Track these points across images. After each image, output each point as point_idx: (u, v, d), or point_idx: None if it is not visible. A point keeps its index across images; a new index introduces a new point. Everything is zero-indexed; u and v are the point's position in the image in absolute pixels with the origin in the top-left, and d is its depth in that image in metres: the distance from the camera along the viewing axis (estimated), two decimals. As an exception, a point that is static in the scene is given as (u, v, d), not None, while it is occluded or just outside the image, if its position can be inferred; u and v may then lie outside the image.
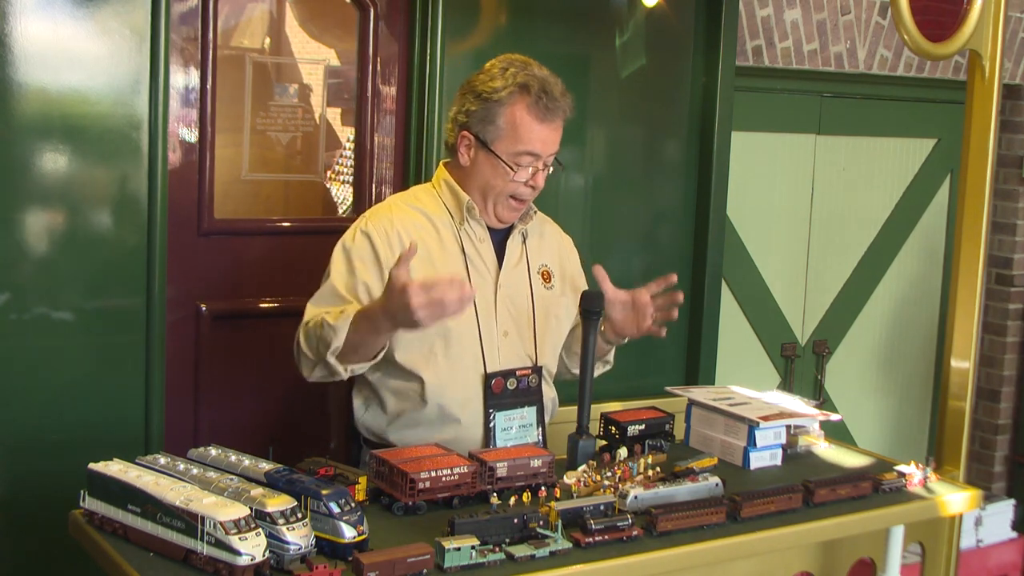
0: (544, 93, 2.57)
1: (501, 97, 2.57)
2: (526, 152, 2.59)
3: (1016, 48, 5.04)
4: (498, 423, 2.65)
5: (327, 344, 2.43)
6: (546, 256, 2.80)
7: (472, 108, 2.60)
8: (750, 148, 4.47)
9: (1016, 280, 5.27)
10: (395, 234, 2.59)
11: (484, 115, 2.58)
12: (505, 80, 2.58)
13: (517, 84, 2.57)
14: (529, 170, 2.61)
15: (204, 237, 3.24)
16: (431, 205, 2.68)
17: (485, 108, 2.58)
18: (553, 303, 2.77)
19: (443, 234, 2.64)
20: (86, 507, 2.12)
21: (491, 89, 2.58)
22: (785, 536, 2.33)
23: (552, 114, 2.59)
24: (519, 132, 2.57)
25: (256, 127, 3.41)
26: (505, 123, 2.57)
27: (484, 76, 2.62)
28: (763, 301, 4.72)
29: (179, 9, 3.09)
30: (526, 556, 2.04)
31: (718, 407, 2.77)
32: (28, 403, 2.86)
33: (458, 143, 2.64)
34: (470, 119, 2.60)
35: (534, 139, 2.58)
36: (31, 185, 2.82)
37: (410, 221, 2.63)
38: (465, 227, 2.65)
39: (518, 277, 2.72)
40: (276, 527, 1.92)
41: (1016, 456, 5.38)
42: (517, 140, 2.58)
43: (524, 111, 2.57)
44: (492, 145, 2.59)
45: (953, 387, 2.94)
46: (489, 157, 2.60)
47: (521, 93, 2.57)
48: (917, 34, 2.75)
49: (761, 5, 4.25)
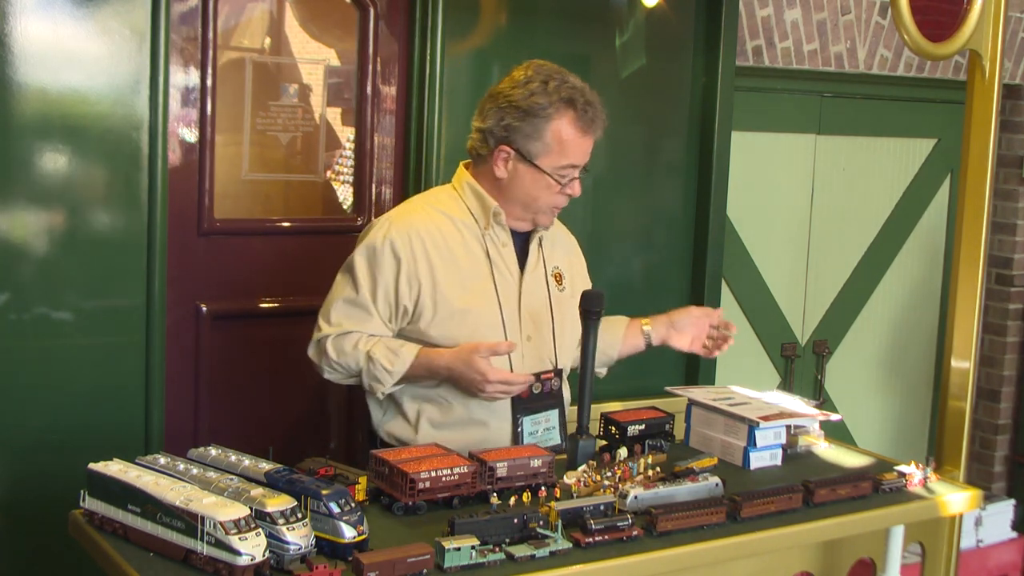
0: (588, 106, 2.60)
1: (548, 113, 2.58)
2: (570, 165, 2.62)
3: (1016, 48, 5.04)
4: (525, 427, 2.68)
5: (378, 382, 2.57)
6: (557, 258, 2.82)
7: (515, 123, 2.59)
8: (750, 148, 4.47)
9: (1016, 280, 5.27)
10: (419, 240, 2.60)
11: (530, 131, 2.58)
12: (549, 96, 2.58)
13: (561, 99, 2.58)
14: (569, 180, 2.64)
15: (204, 237, 3.24)
16: (454, 208, 2.68)
17: (531, 124, 2.58)
18: (566, 305, 2.78)
19: (467, 238, 2.66)
20: (86, 507, 2.12)
21: (536, 104, 2.57)
22: (785, 536, 2.33)
23: (594, 125, 2.63)
24: (565, 147, 2.60)
25: (256, 127, 3.41)
26: (552, 138, 2.59)
27: (522, 89, 2.60)
28: (763, 301, 4.72)
29: (179, 9, 3.09)
30: (526, 556, 2.04)
31: (718, 407, 2.77)
32: (28, 403, 2.86)
33: (494, 156, 2.63)
34: (512, 133, 2.59)
35: (577, 151, 2.62)
36: (31, 185, 2.82)
37: (433, 225, 2.63)
38: (490, 232, 2.67)
39: (537, 281, 2.74)
40: (276, 527, 1.92)
41: (1016, 456, 5.38)
42: (563, 155, 2.60)
43: (569, 125, 2.59)
44: (536, 159, 2.60)
45: (953, 387, 2.94)
46: (530, 170, 2.61)
47: (567, 107, 2.58)
48: (917, 34, 2.75)
49: (761, 5, 4.25)
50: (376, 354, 2.55)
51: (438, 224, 2.64)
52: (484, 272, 2.64)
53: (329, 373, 2.64)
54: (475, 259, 2.65)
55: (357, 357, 2.58)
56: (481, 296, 2.63)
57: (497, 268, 2.66)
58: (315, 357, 2.65)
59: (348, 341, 2.59)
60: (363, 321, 2.60)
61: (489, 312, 2.63)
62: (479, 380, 2.50)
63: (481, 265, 2.65)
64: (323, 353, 2.61)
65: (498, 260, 2.67)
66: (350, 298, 2.61)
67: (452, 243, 2.63)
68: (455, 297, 2.60)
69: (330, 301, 2.65)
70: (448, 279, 2.60)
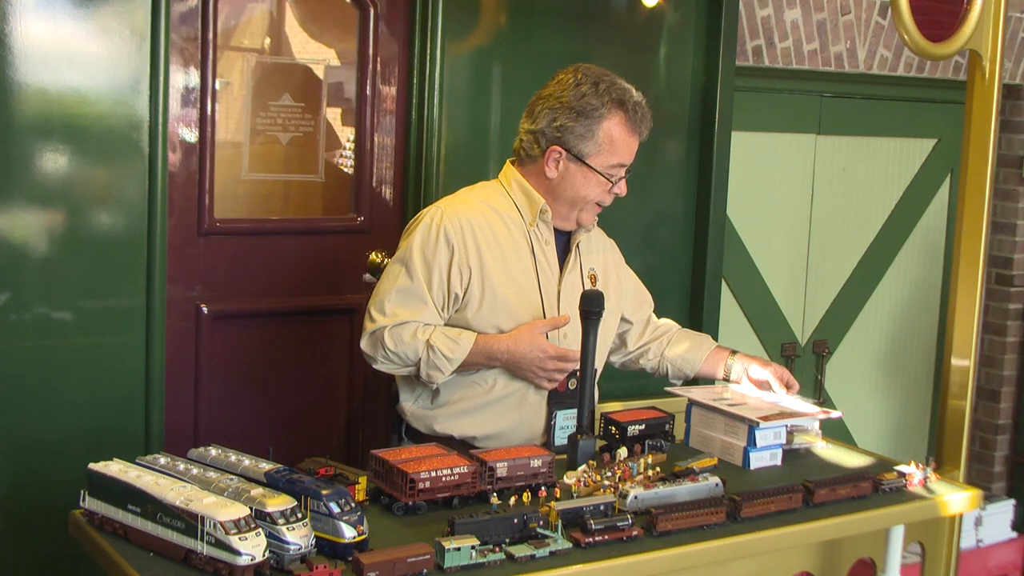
0: (637, 106, 2.70)
1: (601, 114, 2.67)
2: (619, 164, 2.71)
3: (1016, 48, 5.04)
4: (558, 421, 2.75)
5: (438, 370, 2.62)
6: (593, 260, 2.87)
7: (568, 124, 2.67)
8: (750, 148, 4.47)
9: (1016, 280, 5.27)
10: (469, 229, 2.68)
11: (582, 131, 2.67)
12: (600, 97, 2.67)
13: (613, 100, 2.67)
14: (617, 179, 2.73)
15: (204, 237, 3.24)
16: (502, 203, 2.75)
17: (583, 124, 2.66)
18: None
19: (513, 232, 2.73)
20: (86, 507, 2.12)
21: (590, 105, 2.66)
22: (785, 536, 2.33)
23: (642, 125, 2.72)
24: (616, 146, 2.69)
25: (256, 127, 3.40)
26: (604, 138, 2.68)
27: (573, 91, 2.68)
28: (763, 301, 4.72)
29: (179, 9, 3.09)
30: (526, 556, 2.04)
31: (718, 407, 2.77)
32: (28, 403, 2.86)
33: (545, 156, 2.70)
34: (565, 134, 2.68)
35: (626, 151, 2.71)
36: (31, 185, 2.82)
37: (482, 216, 2.71)
38: (534, 229, 2.74)
39: (575, 280, 2.79)
40: (276, 527, 1.92)
41: (1016, 456, 5.38)
42: (613, 154, 2.69)
43: (620, 126, 2.68)
44: (588, 159, 2.68)
45: (953, 387, 2.94)
46: (582, 169, 2.69)
47: (619, 108, 2.68)
48: (917, 34, 2.75)
49: (761, 5, 4.25)
50: (436, 342, 2.61)
51: (486, 216, 2.71)
52: (528, 266, 2.72)
53: (383, 364, 2.67)
54: (520, 253, 2.72)
55: (416, 346, 2.62)
56: (525, 289, 2.70)
57: (540, 265, 2.74)
58: (369, 349, 2.67)
59: (406, 331, 2.63)
60: (419, 309, 2.65)
61: (532, 305, 2.70)
62: (541, 357, 2.62)
63: (526, 259, 2.72)
64: (379, 344, 2.64)
65: (541, 256, 2.74)
66: (404, 287, 2.66)
67: (500, 236, 2.70)
68: (501, 287, 2.67)
69: (383, 292, 2.68)
70: (496, 269, 2.67)
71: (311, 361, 3.46)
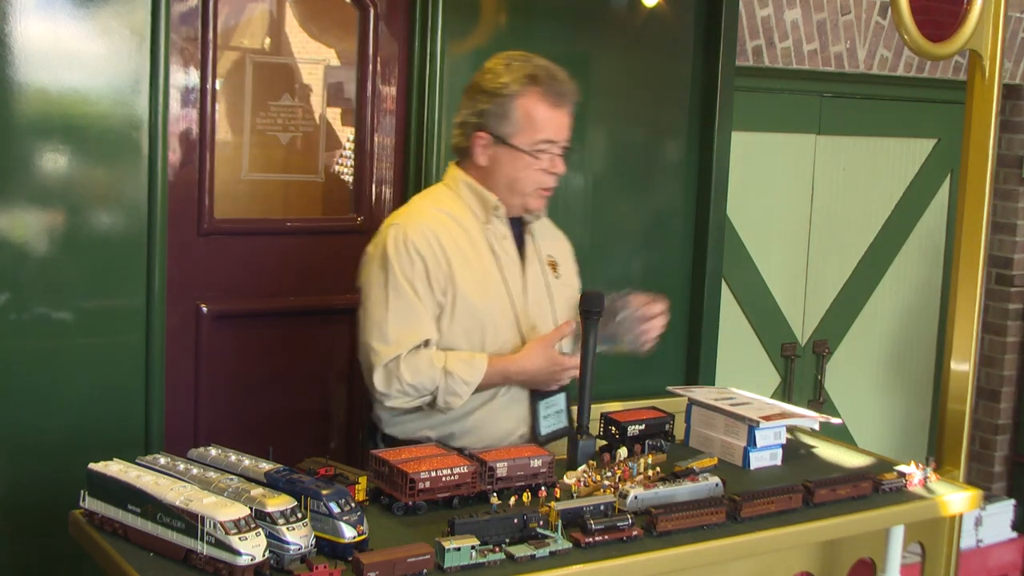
0: (553, 79, 2.64)
1: (513, 91, 2.62)
2: (544, 140, 2.64)
3: (1016, 48, 5.04)
4: (540, 411, 2.73)
5: (456, 395, 2.56)
6: (550, 247, 2.85)
7: (485, 107, 2.64)
8: (750, 148, 4.46)
9: (1016, 280, 5.27)
10: (435, 238, 2.62)
11: (499, 111, 2.63)
12: (512, 74, 2.63)
13: (525, 76, 2.63)
14: (549, 158, 2.66)
15: (204, 237, 3.24)
16: (455, 207, 2.70)
17: (499, 104, 2.63)
18: (561, 292, 2.82)
19: (472, 235, 2.68)
20: (86, 507, 2.12)
21: (501, 84, 2.63)
22: (785, 536, 2.33)
23: (563, 99, 2.65)
24: (535, 122, 2.63)
25: (256, 127, 3.40)
26: (521, 115, 2.62)
27: (490, 75, 2.66)
28: (763, 301, 4.72)
29: (179, 9, 3.09)
30: (526, 556, 2.04)
31: (718, 407, 2.77)
32: (28, 403, 2.85)
33: (472, 144, 2.67)
34: (484, 118, 2.64)
35: (549, 126, 2.64)
36: (31, 185, 2.81)
37: (442, 225, 2.65)
38: (490, 226, 2.70)
39: (536, 270, 2.77)
40: (276, 527, 1.92)
41: (1016, 456, 5.37)
42: (535, 130, 2.63)
43: (537, 100, 2.63)
44: (511, 140, 2.63)
45: (953, 390, 2.94)
46: (509, 152, 2.64)
47: (531, 83, 2.63)
48: (917, 34, 2.75)
49: (761, 5, 4.25)
50: (453, 368, 2.55)
51: (444, 223, 2.66)
52: (491, 266, 2.68)
53: (397, 398, 2.56)
54: (481, 255, 2.68)
55: (433, 375, 2.54)
56: (492, 292, 2.67)
57: (502, 262, 2.70)
58: (383, 385, 2.55)
59: (422, 360, 2.55)
60: (419, 326, 2.57)
61: (501, 306, 2.67)
62: (558, 371, 2.66)
63: (487, 260, 2.68)
64: (394, 378, 2.53)
65: (501, 253, 2.70)
66: (397, 308, 2.57)
67: (460, 241, 2.65)
68: (470, 294, 2.63)
69: (376, 321, 2.57)
70: (462, 276, 2.62)
71: (311, 361, 3.46)
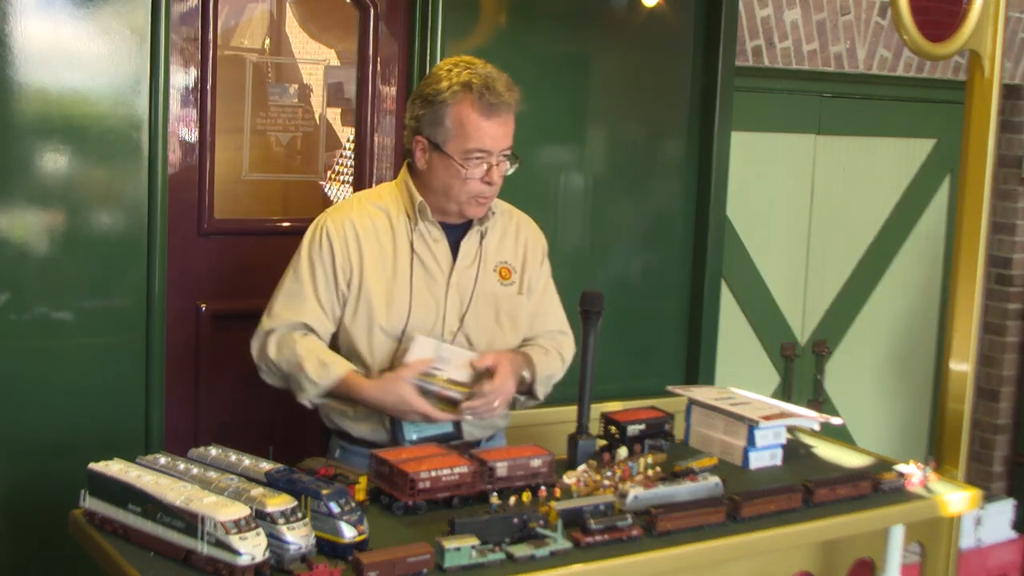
0: (487, 89, 2.58)
1: (445, 98, 2.59)
2: (476, 149, 2.59)
3: (1016, 48, 5.04)
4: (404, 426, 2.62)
5: (301, 389, 2.61)
6: (507, 253, 2.78)
7: (421, 112, 2.62)
8: (750, 148, 4.46)
9: (1016, 280, 5.27)
10: (351, 230, 2.64)
11: (432, 118, 2.60)
12: (449, 80, 2.60)
13: (460, 83, 2.59)
14: (483, 167, 2.60)
15: (204, 237, 3.24)
16: (391, 204, 2.71)
17: (432, 111, 2.60)
18: (509, 302, 2.74)
19: (398, 233, 2.68)
20: (86, 507, 2.12)
21: (436, 91, 2.60)
22: (785, 536, 2.33)
23: (496, 109, 2.59)
24: (466, 130, 2.58)
25: (256, 127, 3.41)
26: (452, 123, 2.59)
27: (431, 79, 2.65)
28: (763, 301, 4.72)
29: (179, 9, 3.09)
30: (526, 556, 2.04)
31: (718, 407, 2.77)
32: (28, 403, 2.86)
33: (414, 148, 2.66)
34: (420, 123, 2.63)
35: (482, 136, 2.59)
36: (31, 185, 2.82)
37: (367, 218, 2.67)
38: (419, 227, 2.67)
39: (469, 276, 2.71)
40: (276, 527, 1.92)
41: (1016, 456, 5.37)
42: (466, 138, 2.59)
43: (469, 109, 2.58)
44: (444, 146, 2.60)
45: (952, 390, 2.94)
46: (443, 158, 2.61)
47: (464, 92, 2.58)
48: (917, 34, 2.75)
49: (761, 5, 4.25)
50: (306, 363, 2.58)
51: (372, 217, 2.67)
52: (405, 268, 2.66)
53: (263, 372, 2.66)
54: (401, 253, 2.66)
55: (292, 361, 2.60)
56: (395, 293, 2.64)
57: (423, 263, 2.66)
58: (255, 354, 2.66)
59: (291, 342, 2.61)
60: (300, 308, 2.63)
61: (399, 309, 2.64)
62: (405, 411, 2.54)
63: (403, 261, 2.66)
64: (263, 350, 2.64)
65: (425, 255, 2.67)
66: (289, 289, 2.66)
67: (382, 236, 2.66)
68: (374, 291, 2.62)
69: (274, 295, 2.68)
70: (371, 272, 2.63)
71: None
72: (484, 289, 2.70)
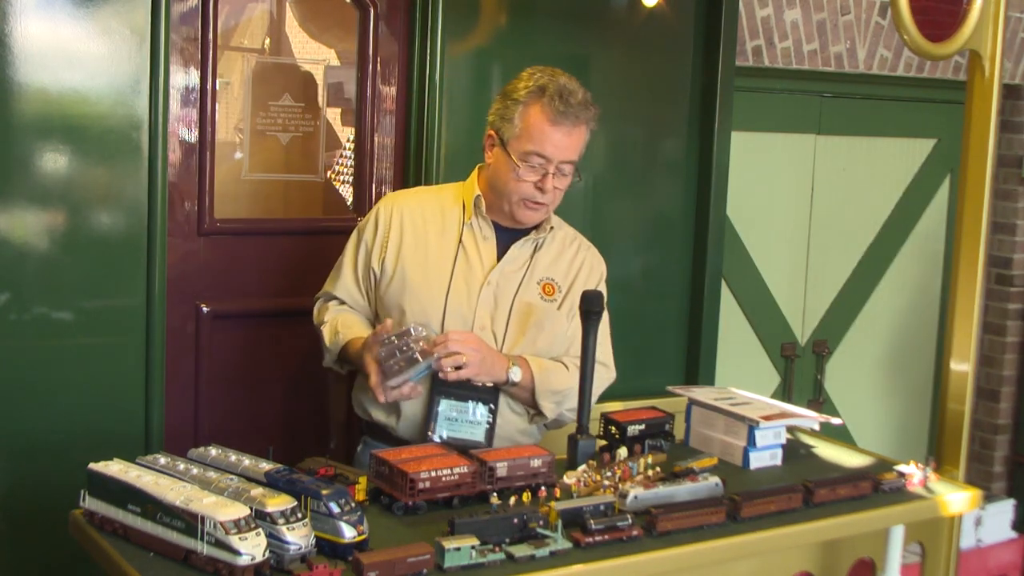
0: (559, 97, 2.62)
1: (519, 96, 2.65)
2: (535, 152, 2.62)
3: (1016, 48, 5.04)
4: (443, 411, 2.63)
5: (323, 353, 2.80)
6: (558, 273, 2.79)
7: (498, 107, 2.70)
8: (750, 148, 4.47)
9: (1016, 280, 5.27)
10: (399, 214, 2.76)
11: (505, 113, 2.67)
12: (528, 82, 2.67)
13: (537, 86, 2.65)
14: (539, 172, 2.63)
15: (204, 237, 3.24)
16: (451, 199, 2.79)
17: (506, 106, 2.67)
18: (547, 316, 2.74)
19: (448, 226, 2.75)
20: (86, 507, 2.12)
21: (513, 88, 2.68)
22: (785, 536, 2.33)
23: (564, 117, 2.62)
24: (530, 132, 2.63)
25: (256, 127, 3.41)
26: (520, 122, 2.64)
27: (515, 79, 2.71)
28: (763, 301, 4.72)
29: (179, 9, 3.09)
30: (526, 556, 2.04)
31: (718, 407, 2.77)
32: (28, 403, 2.85)
33: (486, 141, 2.73)
34: (496, 117, 2.70)
35: (543, 140, 2.62)
36: (31, 185, 2.82)
37: (419, 209, 2.77)
38: (473, 222, 2.74)
39: (511, 280, 2.73)
40: (276, 527, 1.92)
41: (1016, 456, 5.38)
42: (528, 139, 2.63)
43: (538, 111, 2.63)
44: (507, 143, 2.65)
45: (952, 390, 2.94)
46: (504, 155, 2.66)
47: (538, 94, 2.64)
48: (917, 34, 2.75)
49: (761, 5, 4.25)
50: (325, 330, 2.77)
51: (427, 206, 2.78)
52: (448, 257, 2.72)
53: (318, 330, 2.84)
54: (445, 244, 2.73)
55: (320, 324, 2.81)
56: (433, 278, 2.69)
57: (467, 256, 2.72)
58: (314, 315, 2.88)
59: (326, 308, 2.83)
60: (337, 280, 2.82)
61: (436, 294, 2.67)
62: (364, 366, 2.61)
63: (449, 250, 2.73)
64: (314, 315, 2.86)
65: (471, 249, 2.73)
66: (338, 262, 2.85)
67: (431, 225, 2.75)
68: (412, 271, 2.70)
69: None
70: (413, 253, 2.71)
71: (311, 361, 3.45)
72: (523, 298, 2.73)
